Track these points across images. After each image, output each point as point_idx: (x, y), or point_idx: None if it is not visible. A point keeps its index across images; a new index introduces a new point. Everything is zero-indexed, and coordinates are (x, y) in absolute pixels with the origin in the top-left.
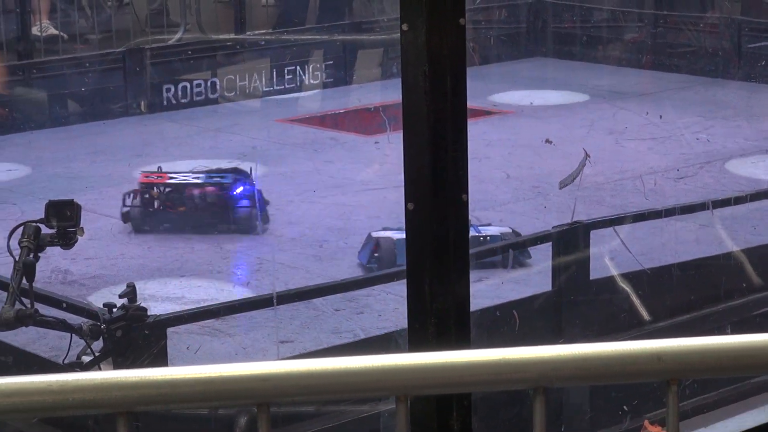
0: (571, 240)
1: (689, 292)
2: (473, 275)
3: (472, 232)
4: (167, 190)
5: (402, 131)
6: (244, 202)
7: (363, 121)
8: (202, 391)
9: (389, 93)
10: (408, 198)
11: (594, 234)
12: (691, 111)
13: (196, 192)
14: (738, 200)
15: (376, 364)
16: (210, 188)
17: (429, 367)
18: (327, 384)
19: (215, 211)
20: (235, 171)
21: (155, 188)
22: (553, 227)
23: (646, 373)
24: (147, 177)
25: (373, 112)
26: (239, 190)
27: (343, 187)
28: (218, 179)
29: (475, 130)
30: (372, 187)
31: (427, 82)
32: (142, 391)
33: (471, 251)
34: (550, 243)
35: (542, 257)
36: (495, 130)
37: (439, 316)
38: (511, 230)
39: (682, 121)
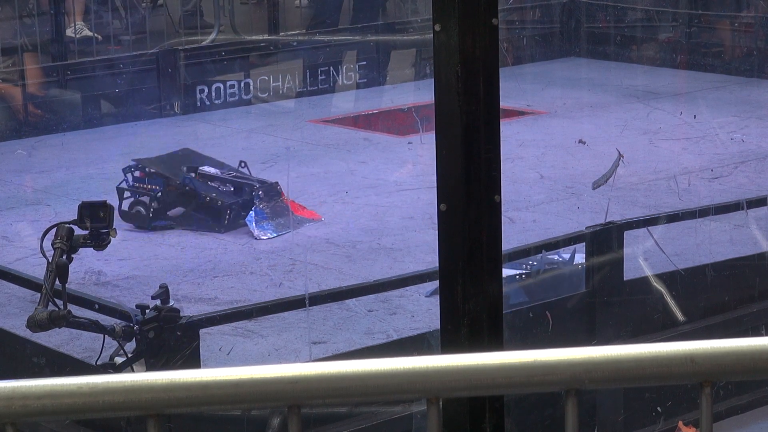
0: (604, 240)
1: (723, 292)
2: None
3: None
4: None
5: (435, 132)
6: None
7: (396, 122)
8: (232, 394)
9: (422, 94)
10: (441, 199)
11: (628, 234)
12: (725, 111)
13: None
14: None
15: (406, 366)
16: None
17: (460, 369)
18: (357, 386)
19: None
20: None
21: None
22: (586, 228)
23: (679, 375)
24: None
25: (406, 113)
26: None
27: (377, 188)
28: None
29: (508, 130)
30: (405, 188)
31: (460, 83)
32: (172, 394)
33: (504, 251)
34: (584, 244)
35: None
36: (528, 131)
37: (471, 318)
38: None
39: (716, 121)
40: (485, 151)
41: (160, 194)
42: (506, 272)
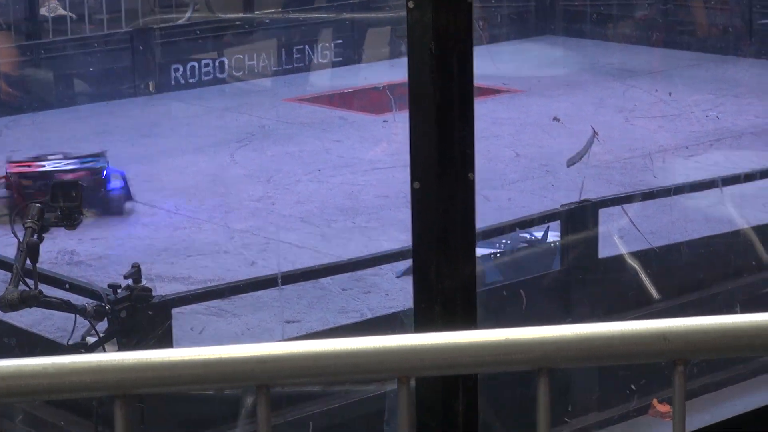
0: (579, 219)
1: (698, 270)
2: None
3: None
4: (35, 178)
5: (408, 110)
6: (116, 184)
7: (371, 100)
8: (200, 374)
9: (397, 72)
10: (414, 177)
11: (603, 212)
12: (701, 89)
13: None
14: (748, 178)
15: (377, 345)
16: (81, 173)
17: (430, 348)
18: (326, 365)
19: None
20: (100, 155)
21: (23, 178)
22: (561, 206)
23: (652, 353)
24: (16, 166)
25: (381, 91)
26: (108, 176)
27: (352, 167)
28: (91, 164)
29: (483, 108)
30: (380, 167)
31: (434, 61)
32: (140, 374)
33: (479, 230)
34: (559, 222)
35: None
36: (504, 109)
37: (445, 297)
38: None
39: (692, 99)
40: (459, 129)
41: None
42: (480, 251)
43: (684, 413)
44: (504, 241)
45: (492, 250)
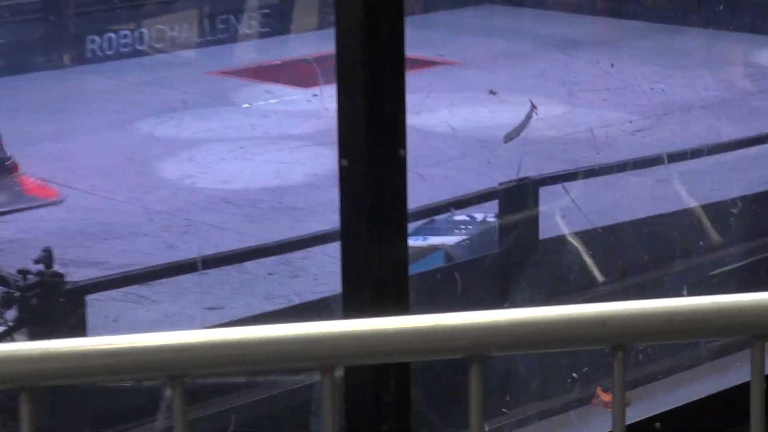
0: (518, 197)
1: (643, 251)
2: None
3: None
4: None
5: (336, 83)
6: None
7: (300, 73)
8: (111, 364)
9: (326, 43)
10: (342, 154)
11: (543, 191)
12: (648, 60)
13: None
14: (695, 154)
15: (298, 333)
16: None
17: (354, 335)
18: (244, 355)
19: None
20: None
21: None
22: (499, 184)
23: (590, 338)
24: None
25: (310, 64)
26: None
27: (278, 143)
28: None
29: (417, 81)
30: (309, 143)
31: (363, 31)
32: (46, 365)
33: (413, 210)
34: (497, 201)
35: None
36: (439, 82)
37: (375, 281)
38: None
39: (639, 71)
40: (389, 103)
41: None
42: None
43: (623, 401)
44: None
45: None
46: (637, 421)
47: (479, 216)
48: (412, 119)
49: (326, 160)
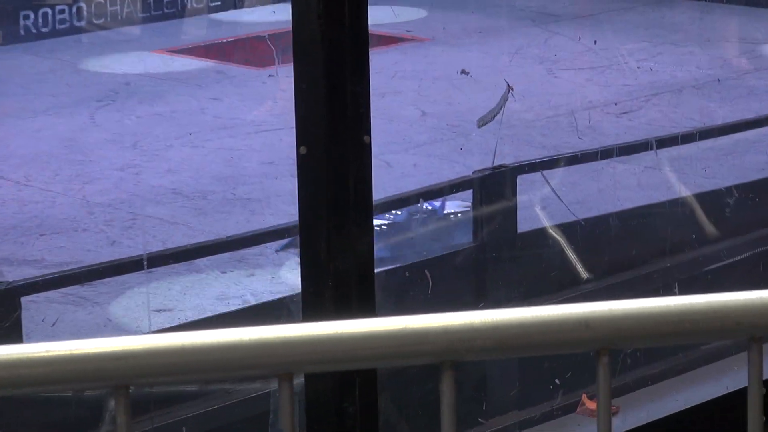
0: (494, 187)
1: (631, 245)
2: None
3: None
4: None
5: (293, 63)
6: None
7: (254, 52)
8: (45, 373)
9: (285, 18)
10: (300, 141)
11: (521, 179)
12: (635, 35)
13: None
14: (686, 138)
15: (252, 338)
16: None
17: (314, 340)
18: (196, 361)
19: None
20: None
21: None
22: (474, 172)
23: (572, 342)
24: None
25: (265, 41)
26: None
27: (231, 129)
28: None
29: (383, 60)
30: (265, 128)
31: (321, 5)
32: None
33: (379, 201)
34: (471, 190)
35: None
36: (407, 60)
37: (337, 279)
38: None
39: (625, 48)
40: (352, 84)
41: None
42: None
43: (609, 409)
44: (395, 212)
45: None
46: (625, 431)
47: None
48: (376, 102)
49: (284, 147)
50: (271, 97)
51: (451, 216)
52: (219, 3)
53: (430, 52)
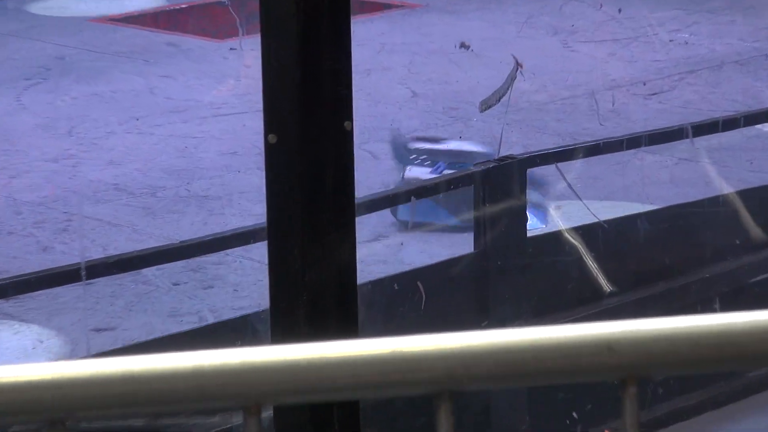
0: (500, 182)
1: (663, 252)
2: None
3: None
4: None
5: (260, 34)
6: None
7: (213, 20)
8: None
9: None
10: (269, 128)
11: (532, 173)
12: (666, 2)
13: None
14: (728, 124)
15: (213, 363)
16: None
17: (285, 366)
18: (144, 390)
19: None
20: None
21: None
22: (475, 164)
23: (592, 369)
24: None
25: (226, 8)
26: None
27: (186, 113)
28: None
29: (367, 30)
30: (225, 112)
31: None
32: None
33: (360, 199)
34: (472, 186)
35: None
36: (396, 31)
37: (313, 293)
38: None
39: (654, 17)
40: (330, 60)
41: None
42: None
43: None
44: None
45: None
46: None
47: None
48: (360, 81)
49: (249, 134)
50: (234, 75)
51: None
52: None
53: (424, 21)
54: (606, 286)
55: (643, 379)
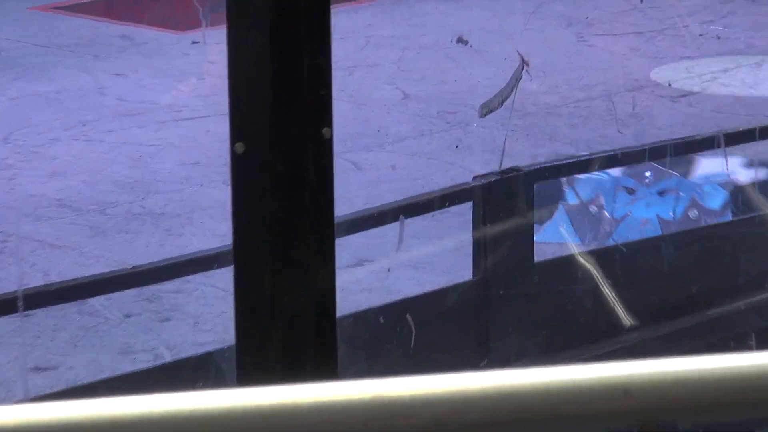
0: (503, 198)
1: (690, 280)
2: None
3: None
4: None
5: (226, 25)
6: None
7: (174, 9)
8: None
9: None
10: (236, 135)
11: (540, 189)
12: None
13: None
14: (766, 131)
15: (168, 410)
16: None
17: (253, 412)
18: None
19: None
20: None
21: None
22: (474, 177)
23: (606, 415)
24: None
25: None
26: None
27: (141, 116)
28: None
29: (352, 22)
30: (187, 116)
31: None
32: None
33: (341, 218)
34: (471, 203)
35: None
36: (385, 23)
37: (286, 326)
38: None
39: (683, 5)
40: (308, 56)
41: None
42: None
43: None
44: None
45: None
46: None
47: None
48: (342, 80)
49: (213, 141)
50: (196, 73)
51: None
52: None
53: (416, 11)
54: (624, 319)
55: (664, 427)
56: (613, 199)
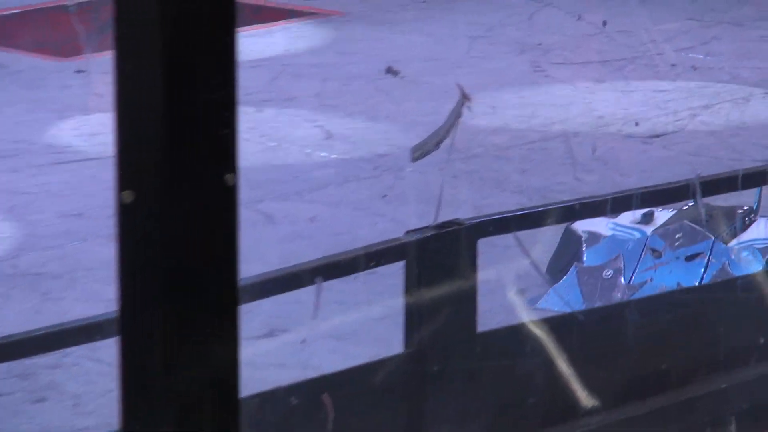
0: (441, 257)
1: (660, 354)
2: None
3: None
4: None
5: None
6: None
7: (55, 32)
8: None
9: None
10: (123, 181)
11: (484, 244)
12: (675, 10)
13: None
14: (750, 179)
15: None
16: None
17: None
18: None
19: None
20: None
21: None
22: (407, 232)
23: None
24: None
25: (72, 15)
26: None
27: (15, 158)
28: None
29: (265, 46)
30: (69, 158)
31: None
32: None
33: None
34: (403, 262)
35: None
36: (305, 48)
37: (180, 408)
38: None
39: (658, 29)
40: (208, 89)
41: None
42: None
43: None
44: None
45: None
46: None
47: None
48: (250, 118)
49: (99, 189)
50: (81, 107)
51: None
52: None
53: (343, 35)
54: (584, 399)
55: None
56: (637, 262)
